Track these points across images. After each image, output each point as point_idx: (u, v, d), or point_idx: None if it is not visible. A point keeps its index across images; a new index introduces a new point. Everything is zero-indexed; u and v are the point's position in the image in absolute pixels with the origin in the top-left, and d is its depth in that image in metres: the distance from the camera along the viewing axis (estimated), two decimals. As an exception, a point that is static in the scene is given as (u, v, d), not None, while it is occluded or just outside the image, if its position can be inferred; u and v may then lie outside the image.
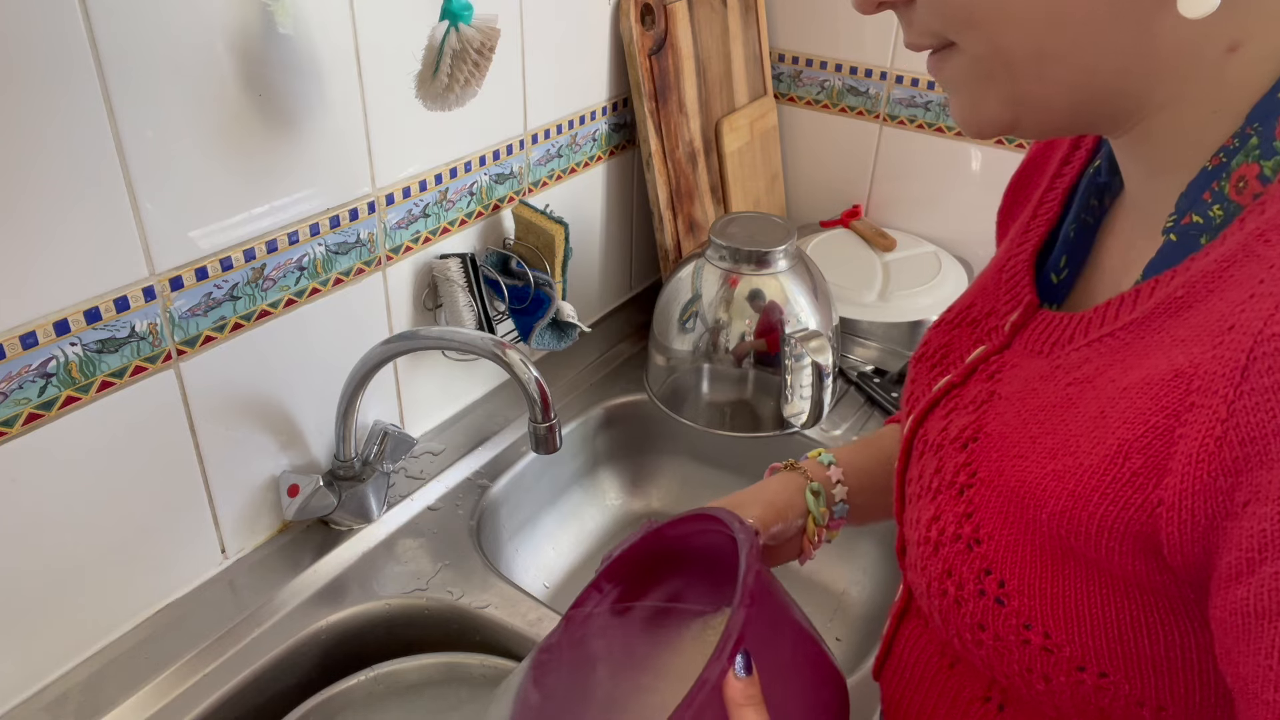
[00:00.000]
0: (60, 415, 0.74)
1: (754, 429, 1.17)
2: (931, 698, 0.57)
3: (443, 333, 0.90)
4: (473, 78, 0.80)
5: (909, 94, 1.39)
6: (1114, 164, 0.52)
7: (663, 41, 1.23)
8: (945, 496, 0.50)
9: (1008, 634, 0.46)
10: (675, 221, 1.30)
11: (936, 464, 0.52)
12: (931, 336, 0.61)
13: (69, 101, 0.68)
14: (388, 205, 0.96)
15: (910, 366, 0.62)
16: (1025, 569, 0.45)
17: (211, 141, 0.78)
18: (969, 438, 0.50)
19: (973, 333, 0.56)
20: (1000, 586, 0.46)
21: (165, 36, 0.72)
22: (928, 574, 0.50)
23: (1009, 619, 0.45)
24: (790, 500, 0.68)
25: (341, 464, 0.96)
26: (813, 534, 0.69)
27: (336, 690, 0.81)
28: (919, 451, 0.55)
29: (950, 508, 0.49)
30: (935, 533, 0.50)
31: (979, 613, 0.47)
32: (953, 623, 0.49)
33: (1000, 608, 0.46)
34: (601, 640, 0.64)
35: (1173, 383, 0.39)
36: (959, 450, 0.50)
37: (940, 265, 1.37)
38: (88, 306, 0.73)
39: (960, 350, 0.56)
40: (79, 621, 0.81)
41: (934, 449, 0.53)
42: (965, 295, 0.61)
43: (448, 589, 0.92)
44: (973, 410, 0.51)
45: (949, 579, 0.48)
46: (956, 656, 0.54)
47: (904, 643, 0.60)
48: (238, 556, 0.93)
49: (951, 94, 0.47)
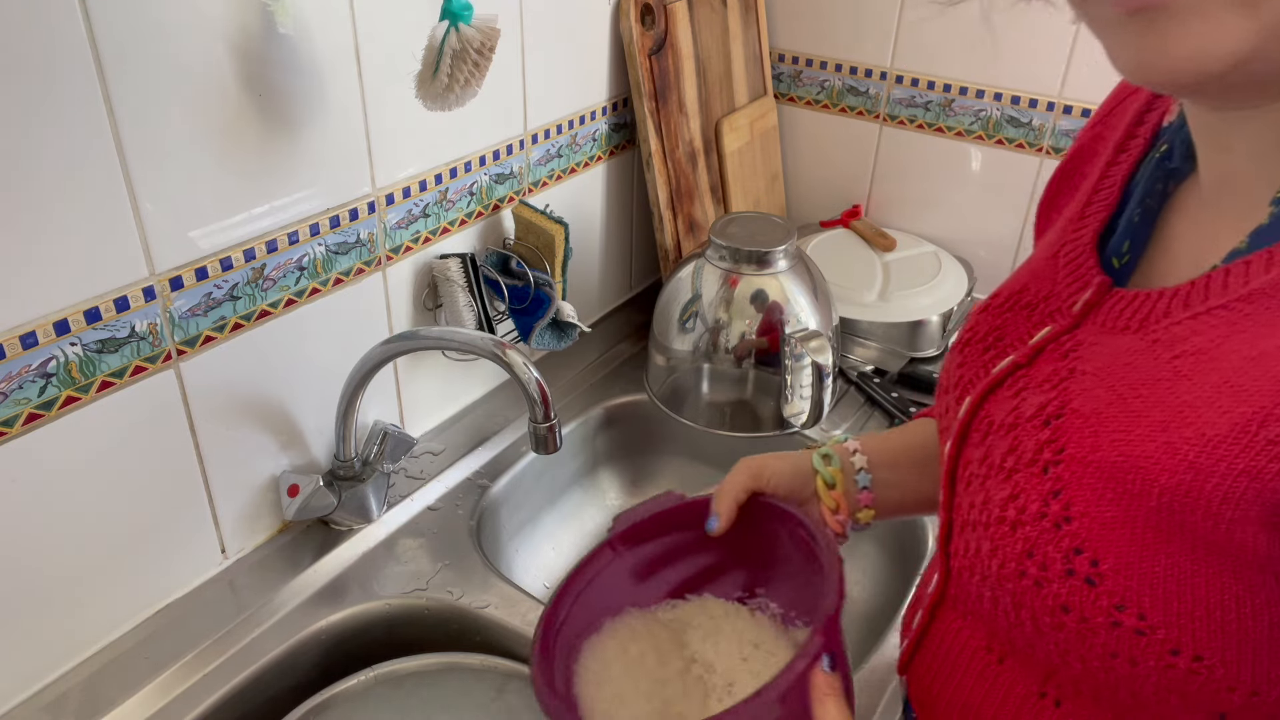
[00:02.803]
0: (60, 415, 0.74)
1: (754, 429, 1.17)
2: (977, 695, 0.56)
3: (443, 333, 0.90)
4: (473, 78, 0.80)
5: (909, 94, 1.39)
6: (1187, 150, 0.51)
7: (663, 41, 1.23)
8: (1025, 475, 0.49)
9: (1096, 616, 0.45)
10: (675, 221, 1.29)
11: (1010, 443, 0.51)
12: (979, 321, 0.60)
13: (69, 101, 0.68)
14: (388, 205, 0.96)
15: (955, 352, 0.61)
16: (1123, 547, 0.44)
17: (211, 141, 0.78)
18: (1051, 414, 0.49)
19: (1030, 316, 0.56)
20: (1093, 566, 0.44)
21: (165, 36, 0.72)
22: (1000, 555, 0.49)
23: (1099, 600, 0.44)
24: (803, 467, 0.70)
25: (341, 464, 0.96)
26: (828, 499, 0.69)
27: (336, 690, 0.81)
28: (980, 433, 0.54)
29: (1032, 486, 0.48)
30: (1013, 512, 0.48)
31: (1064, 594, 0.46)
32: (1028, 605, 0.48)
33: (1090, 588, 0.45)
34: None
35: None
36: (1039, 428, 0.49)
37: (940, 265, 1.37)
38: (88, 306, 0.73)
39: (1017, 332, 0.56)
40: (79, 621, 0.81)
41: (1004, 429, 0.52)
42: (1013, 281, 0.60)
43: (448, 589, 0.92)
44: (1050, 388, 0.50)
45: (1029, 559, 0.47)
46: (1007, 651, 0.53)
47: (939, 637, 0.59)
48: (238, 556, 0.93)
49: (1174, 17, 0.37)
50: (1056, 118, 1.29)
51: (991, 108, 1.33)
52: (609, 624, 0.69)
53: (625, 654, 0.67)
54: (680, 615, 0.70)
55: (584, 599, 0.67)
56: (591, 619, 0.68)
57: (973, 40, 1.31)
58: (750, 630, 0.68)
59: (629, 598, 0.69)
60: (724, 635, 0.68)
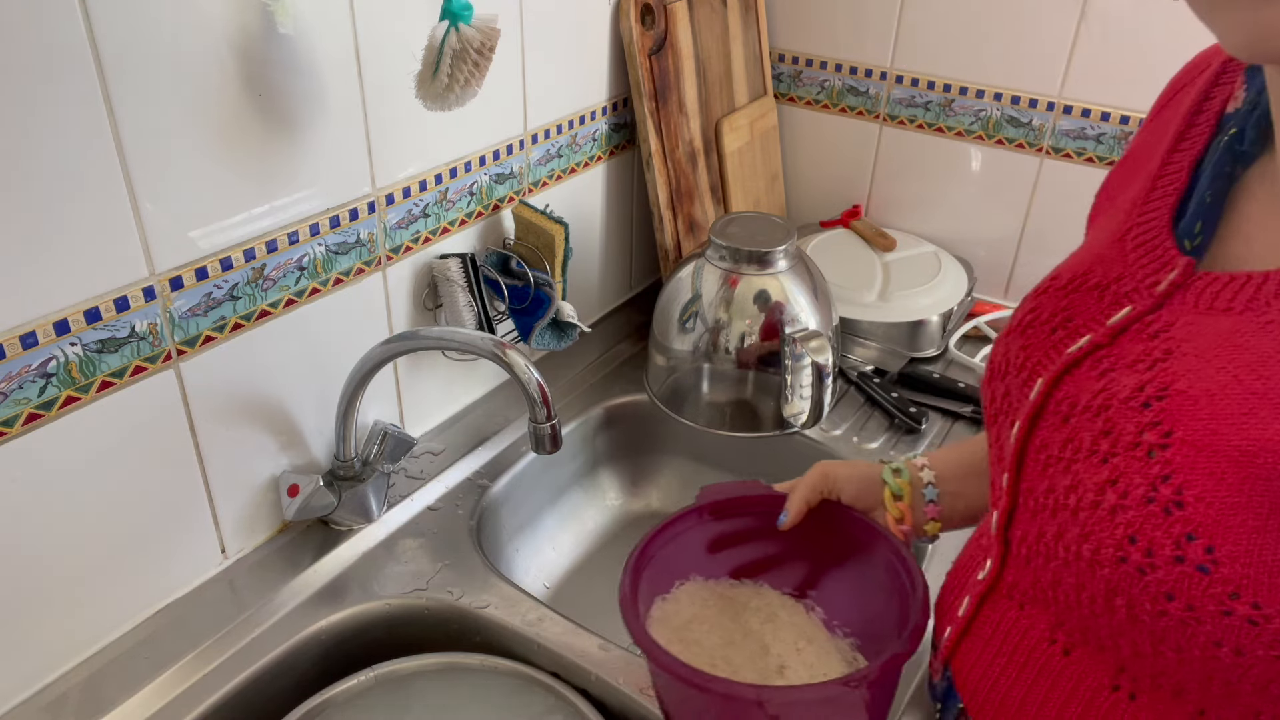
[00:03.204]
0: (60, 415, 0.74)
1: (754, 429, 1.17)
2: (1040, 689, 0.54)
3: (443, 333, 0.90)
4: (473, 78, 0.80)
5: (909, 94, 1.39)
6: (1259, 132, 0.51)
7: (663, 41, 1.23)
8: (1125, 459, 0.47)
9: (1205, 604, 0.44)
10: (675, 221, 1.29)
11: (1103, 426, 0.49)
12: (1040, 303, 0.59)
13: (69, 101, 0.68)
14: (388, 205, 0.96)
15: (1014, 335, 0.60)
16: (1243, 533, 0.43)
17: (211, 141, 0.78)
18: (1152, 396, 0.48)
19: (1101, 297, 0.55)
20: (1207, 553, 0.43)
21: (165, 36, 0.72)
22: (1094, 541, 0.48)
23: (1211, 588, 0.43)
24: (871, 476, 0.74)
25: (341, 464, 0.96)
26: (894, 509, 0.72)
27: (336, 690, 0.81)
28: (1059, 415, 0.53)
29: (1136, 470, 0.47)
30: (1113, 497, 0.47)
31: (1170, 581, 0.44)
32: (1124, 592, 0.47)
33: (1203, 576, 0.43)
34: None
35: None
36: (1138, 410, 0.48)
37: (940, 265, 1.37)
38: (88, 306, 0.73)
39: (1089, 314, 0.55)
40: (79, 621, 0.81)
41: (1091, 411, 0.51)
42: (1073, 265, 0.59)
43: (448, 589, 0.92)
44: (1145, 369, 0.49)
45: (1132, 545, 0.46)
46: (1075, 642, 0.52)
47: (990, 626, 0.58)
48: (238, 556, 0.93)
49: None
50: (1056, 118, 1.29)
51: (991, 108, 1.33)
52: (678, 584, 0.76)
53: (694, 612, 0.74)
54: (739, 595, 0.76)
55: (664, 554, 0.74)
56: (664, 575, 0.74)
57: (973, 40, 1.31)
58: (806, 626, 0.74)
59: (697, 566, 0.76)
60: (781, 623, 0.74)
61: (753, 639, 0.74)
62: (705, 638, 0.73)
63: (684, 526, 0.75)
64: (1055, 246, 1.34)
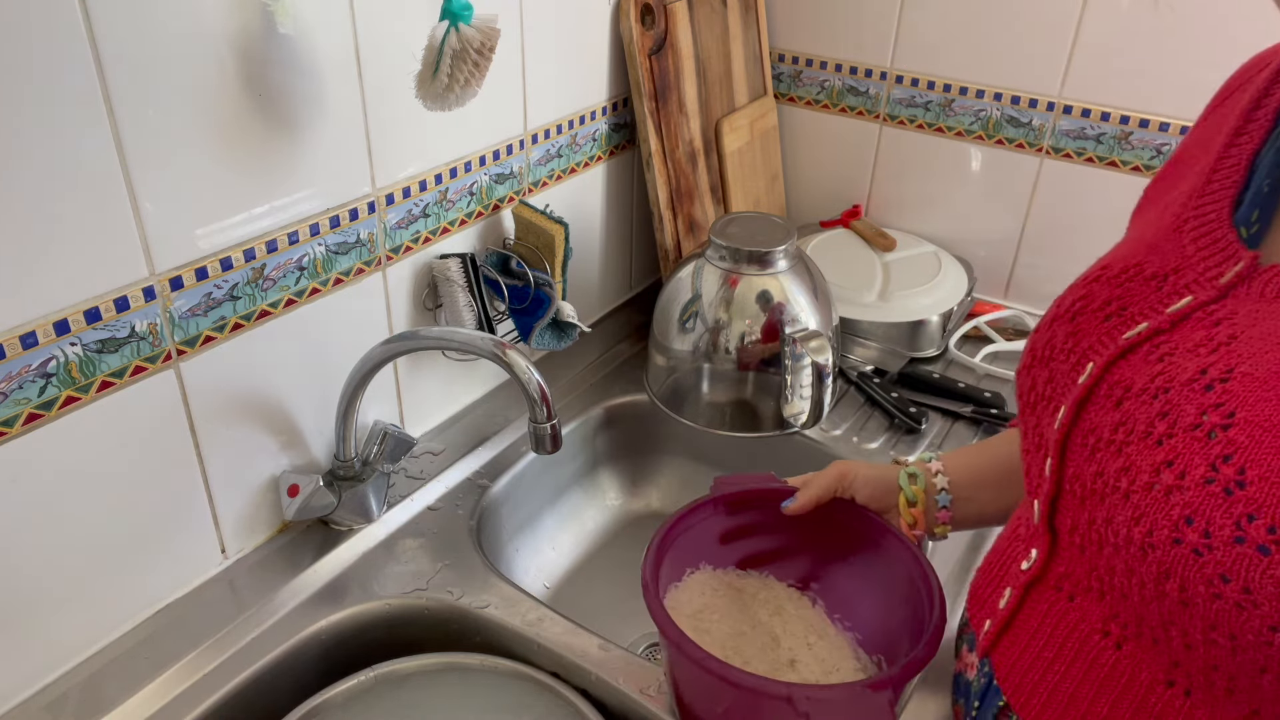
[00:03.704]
0: (60, 415, 0.74)
1: (754, 429, 1.17)
2: (1091, 683, 0.54)
3: (443, 333, 0.90)
4: (473, 78, 0.80)
5: (909, 94, 1.39)
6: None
7: (663, 41, 1.23)
8: (1183, 440, 0.47)
9: (1264, 586, 0.43)
10: (675, 221, 1.29)
11: (1160, 408, 0.49)
12: (1091, 290, 0.58)
13: (69, 101, 0.68)
14: (388, 205, 0.96)
15: (1062, 322, 0.59)
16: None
17: (211, 141, 0.78)
18: (1215, 378, 0.48)
19: (1160, 287, 0.54)
20: (1270, 533, 0.43)
21: (165, 36, 0.72)
22: (1146, 523, 0.47)
23: (1271, 569, 0.43)
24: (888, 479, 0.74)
25: (341, 464, 0.96)
26: (907, 515, 0.73)
27: (336, 690, 0.81)
28: (1112, 399, 0.52)
29: (1194, 451, 0.47)
30: (1169, 478, 0.47)
31: (1228, 562, 0.44)
32: (1177, 575, 0.46)
33: (1263, 556, 0.43)
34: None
35: None
36: (1200, 392, 0.48)
37: (940, 265, 1.37)
38: (88, 306, 0.73)
39: (1146, 303, 0.55)
40: (79, 621, 0.81)
41: (1149, 394, 0.50)
42: (1124, 255, 0.59)
43: (448, 589, 0.92)
44: (1208, 352, 0.49)
45: (1188, 526, 0.45)
46: (1129, 634, 0.51)
47: (1036, 618, 0.57)
48: (238, 556, 0.93)
49: None
50: (1056, 118, 1.29)
51: (991, 108, 1.33)
52: (689, 572, 0.78)
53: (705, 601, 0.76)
54: (746, 585, 0.78)
55: (679, 544, 0.76)
56: (677, 563, 0.76)
57: (973, 40, 1.31)
58: (814, 620, 0.75)
59: (707, 555, 0.78)
60: (789, 616, 0.76)
61: (762, 630, 0.74)
62: (715, 627, 0.73)
63: (700, 517, 0.77)
64: (1055, 246, 1.35)
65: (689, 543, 0.77)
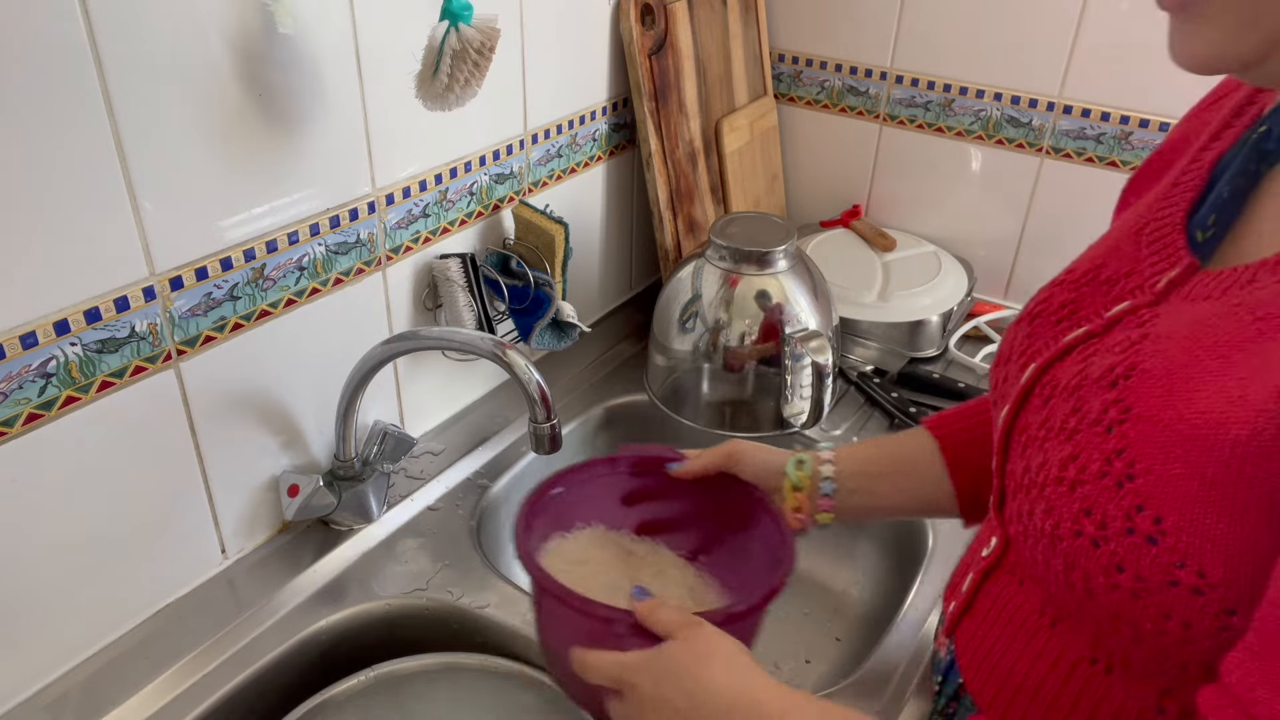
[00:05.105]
0: (60, 415, 0.74)
1: (754, 429, 1.17)
2: (1026, 659, 0.56)
3: (443, 333, 0.90)
4: (473, 78, 0.80)
5: (909, 94, 1.39)
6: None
7: (663, 41, 1.23)
8: (1087, 435, 0.49)
9: (1153, 574, 0.45)
10: (675, 221, 1.29)
11: (1074, 404, 0.51)
12: (1051, 294, 0.61)
13: (69, 101, 0.68)
14: (388, 205, 0.96)
15: (1022, 324, 0.62)
16: (1187, 504, 0.44)
17: (211, 141, 0.78)
18: (1120, 375, 0.49)
19: (1109, 291, 0.56)
20: (1155, 523, 0.45)
21: (165, 36, 0.72)
22: (1057, 515, 0.49)
23: (1159, 557, 0.45)
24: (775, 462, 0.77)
25: (341, 464, 0.96)
26: (791, 499, 0.76)
27: (336, 690, 0.81)
28: (1042, 397, 0.55)
29: (1094, 445, 0.48)
30: (1073, 472, 0.49)
31: (1121, 552, 0.46)
32: (1080, 566, 0.48)
33: (1150, 546, 0.45)
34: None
35: None
36: (1106, 389, 0.50)
37: (940, 265, 1.37)
38: (88, 306, 0.73)
39: (1093, 306, 0.56)
40: (79, 621, 0.81)
41: (1067, 391, 0.52)
42: (1090, 258, 0.60)
43: (448, 589, 0.92)
44: (1120, 351, 0.51)
45: (1087, 518, 0.47)
46: (1060, 615, 0.54)
47: (990, 599, 0.60)
48: (238, 556, 0.93)
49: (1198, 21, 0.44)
50: (1056, 118, 1.29)
51: (991, 108, 1.33)
52: (579, 527, 0.79)
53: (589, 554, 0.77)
54: (637, 549, 0.80)
55: (572, 494, 0.77)
56: (567, 515, 0.78)
57: (973, 40, 1.31)
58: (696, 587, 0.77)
59: (603, 515, 0.79)
60: (670, 580, 0.77)
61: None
62: (591, 579, 0.75)
63: (594, 474, 0.78)
64: (1055, 246, 1.35)
65: (585, 499, 0.78)
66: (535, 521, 0.74)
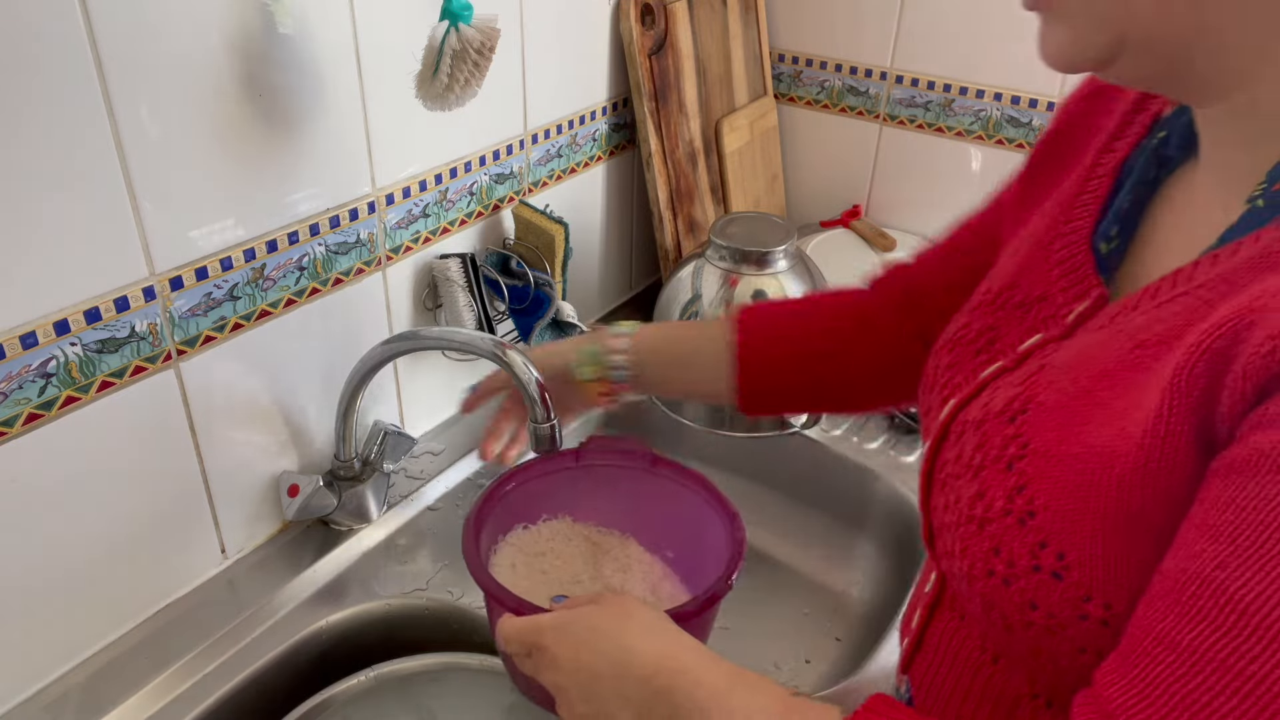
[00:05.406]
0: (60, 415, 0.74)
1: (754, 429, 1.16)
2: (974, 696, 0.55)
3: (443, 333, 0.90)
4: (473, 78, 0.80)
5: (909, 94, 1.39)
6: (1185, 139, 0.51)
7: (663, 41, 1.23)
8: (991, 472, 0.48)
9: (1063, 610, 0.44)
10: (675, 221, 1.29)
11: (979, 440, 0.51)
12: (971, 319, 0.59)
13: (69, 101, 0.68)
14: (388, 205, 0.96)
15: (944, 350, 0.60)
16: (1087, 538, 0.44)
17: (211, 141, 0.78)
18: (1017, 410, 0.49)
19: (1023, 317, 0.55)
20: (1059, 559, 0.44)
21: (165, 36, 0.72)
22: (970, 555, 0.49)
23: (1066, 592, 0.44)
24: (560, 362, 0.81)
25: (341, 464, 0.96)
26: (590, 391, 0.80)
27: (336, 690, 0.81)
28: (957, 433, 0.54)
29: (998, 482, 0.48)
30: (980, 510, 0.48)
31: (1030, 589, 0.45)
32: (999, 605, 0.47)
33: (1057, 582, 0.44)
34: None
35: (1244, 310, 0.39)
36: (1005, 423, 0.49)
37: (940, 265, 1.37)
38: (88, 306, 0.73)
39: (1010, 337, 0.55)
40: (79, 621, 0.81)
41: (974, 426, 0.52)
42: (1003, 274, 0.59)
43: (448, 589, 0.92)
44: (1019, 384, 0.50)
45: (997, 557, 0.47)
46: (998, 650, 0.53)
47: (937, 635, 0.59)
48: (238, 556, 0.93)
49: (1056, 21, 0.46)
50: (1056, 118, 1.29)
51: (991, 108, 1.33)
52: (544, 519, 0.79)
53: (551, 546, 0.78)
54: (604, 541, 0.80)
55: (533, 487, 0.77)
56: (533, 506, 0.78)
57: (973, 40, 1.31)
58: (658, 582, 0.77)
59: (570, 506, 0.80)
60: (633, 574, 0.77)
61: (600, 582, 0.76)
62: (554, 570, 0.75)
63: (556, 466, 0.79)
64: (1055, 246, 1.34)
65: (553, 490, 0.79)
66: (489, 513, 0.74)
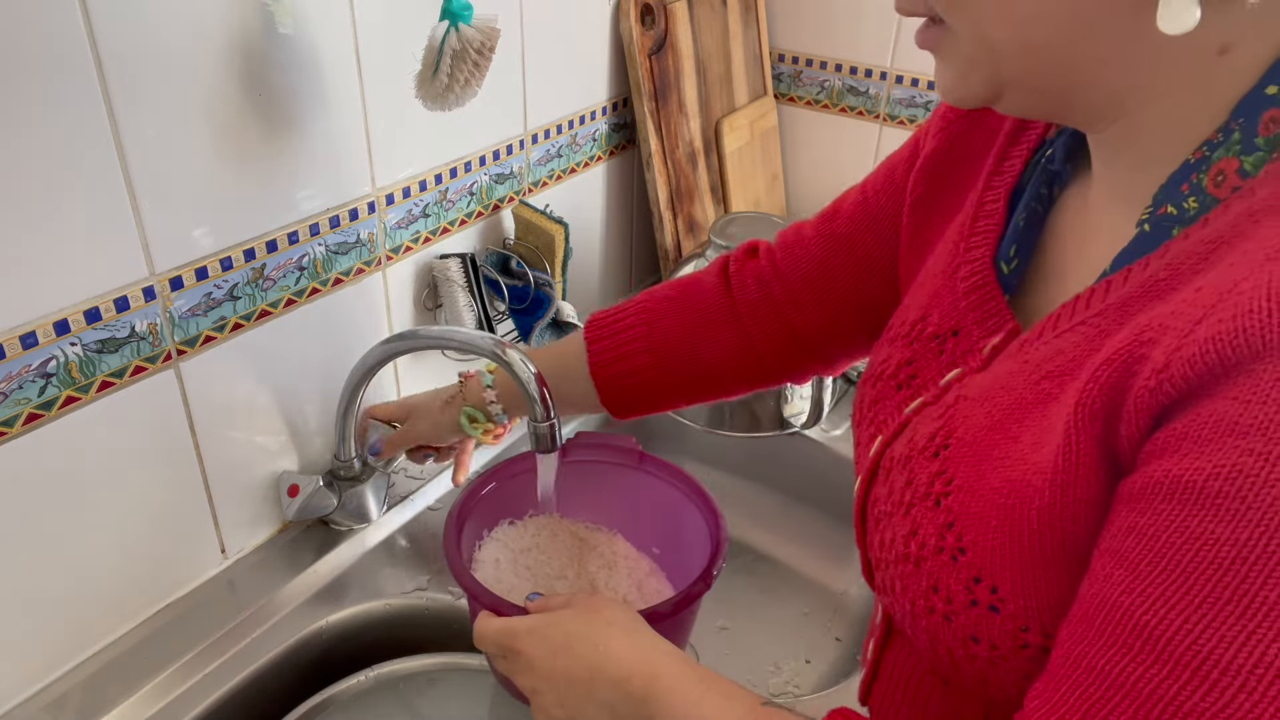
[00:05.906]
0: (60, 415, 0.74)
1: (754, 429, 1.16)
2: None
3: (443, 332, 0.90)
4: (473, 78, 0.80)
5: (909, 94, 1.39)
6: (1068, 153, 0.52)
7: (663, 41, 1.23)
8: (920, 509, 0.49)
9: (1004, 641, 0.45)
10: (675, 221, 1.29)
11: (907, 477, 0.51)
12: (890, 352, 0.59)
13: (69, 101, 0.68)
14: (388, 205, 0.96)
15: (868, 385, 0.60)
16: (1017, 572, 0.44)
17: (211, 141, 0.78)
18: (940, 445, 0.49)
19: (939, 349, 0.55)
20: (993, 593, 0.45)
21: (165, 36, 0.72)
22: (910, 593, 0.49)
23: (1005, 624, 0.44)
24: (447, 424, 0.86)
25: (341, 464, 0.96)
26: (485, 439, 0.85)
27: (336, 690, 0.81)
28: (886, 469, 0.54)
29: (928, 519, 0.48)
30: (915, 548, 0.49)
31: (971, 624, 0.46)
32: (943, 640, 0.48)
33: (994, 615, 0.45)
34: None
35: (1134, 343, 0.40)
36: (930, 459, 0.49)
37: (940, 265, 1.37)
38: (88, 306, 0.73)
39: (929, 371, 0.55)
40: (79, 621, 0.81)
41: (901, 463, 0.52)
42: (914, 305, 0.59)
43: (448, 589, 0.92)
44: (938, 417, 0.51)
45: (935, 595, 0.47)
46: (949, 678, 0.53)
47: (890, 665, 0.59)
48: (238, 556, 0.93)
49: (942, 60, 0.48)
50: (1056, 118, 1.29)
51: (991, 108, 1.33)
52: (531, 514, 0.80)
53: (537, 542, 0.78)
54: (590, 538, 0.80)
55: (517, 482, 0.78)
56: (520, 502, 0.79)
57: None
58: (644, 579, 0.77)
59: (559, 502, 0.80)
60: (618, 571, 0.77)
61: (584, 579, 0.76)
62: (538, 566, 0.75)
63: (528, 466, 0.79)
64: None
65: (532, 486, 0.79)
66: (472, 509, 0.74)
